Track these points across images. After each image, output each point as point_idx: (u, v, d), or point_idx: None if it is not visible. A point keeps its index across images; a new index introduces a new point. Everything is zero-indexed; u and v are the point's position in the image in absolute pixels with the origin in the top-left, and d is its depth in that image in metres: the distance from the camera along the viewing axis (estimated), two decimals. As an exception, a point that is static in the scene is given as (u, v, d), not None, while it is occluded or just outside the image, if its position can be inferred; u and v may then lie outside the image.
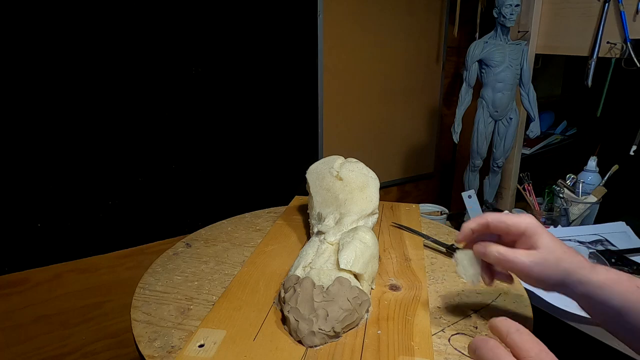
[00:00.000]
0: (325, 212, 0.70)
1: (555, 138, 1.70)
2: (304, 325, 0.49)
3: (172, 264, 0.69)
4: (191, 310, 0.57)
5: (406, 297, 0.59)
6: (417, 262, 0.69)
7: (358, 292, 0.53)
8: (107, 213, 1.05)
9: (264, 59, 1.19)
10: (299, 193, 0.96)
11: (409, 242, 0.76)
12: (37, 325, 1.02)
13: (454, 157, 1.85)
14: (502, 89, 1.17)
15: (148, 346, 0.51)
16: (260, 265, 0.68)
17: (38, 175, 0.95)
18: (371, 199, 0.70)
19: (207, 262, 0.70)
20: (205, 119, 1.13)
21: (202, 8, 1.06)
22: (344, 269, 0.55)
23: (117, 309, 1.12)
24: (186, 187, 1.15)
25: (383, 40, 1.47)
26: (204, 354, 0.48)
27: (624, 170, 1.18)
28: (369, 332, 0.52)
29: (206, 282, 0.64)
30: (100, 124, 0.99)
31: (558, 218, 1.20)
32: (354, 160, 0.77)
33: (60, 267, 1.02)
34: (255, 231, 0.82)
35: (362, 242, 0.59)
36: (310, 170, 0.79)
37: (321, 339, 0.49)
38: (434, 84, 1.68)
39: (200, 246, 0.75)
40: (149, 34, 1.01)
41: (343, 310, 0.50)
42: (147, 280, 0.65)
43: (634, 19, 1.01)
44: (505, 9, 1.10)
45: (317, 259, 0.59)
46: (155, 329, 0.54)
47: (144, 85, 1.03)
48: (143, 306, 0.58)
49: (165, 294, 0.61)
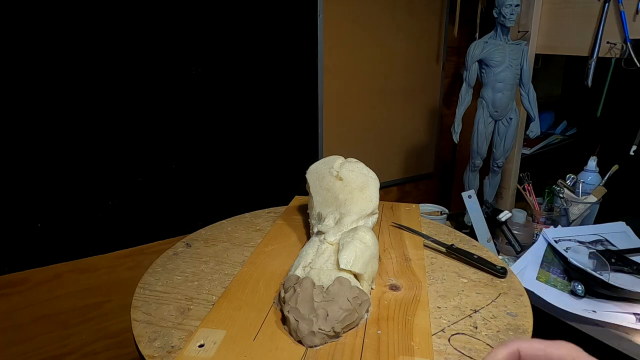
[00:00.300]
0: (325, 212, 0.70)
1: (555, 138, 1.70)
2: (304, 325, 0.49)
3: (172, 264, 0.69)
4: (191, 310, 0.57)
5: (406, 297, 0.59)
6: (417, 262, 0.69)
7: (358, 292, 0.53)
8: (107, 213, 1.05)
9: (264, 59, 1.19)
10: (299, 193, 0.96)
11: (409, 242, 0.76)
12: (37, 325, 1.02)
13: (454, 157, 1.85)
14: (502, 89, 1.17)
15: (148, 346, 0.51)
16: (260, 265, 0.68)
17: (38, 175, 0.95)
18: (371, 199, 0.70)
19: (207, 262, 0.70)
20: (205, 119, 1.13)
21: (202, 8, 1.06)
22: (344, 269, 0.55)
23: (117, 309, 1.12)
24: (186, 187, 1.15)
25: (383, 40, 1.47)
26: (204, 354, 0.48)
27: (624, 170, 1.18)
28: (369, 332, 0.52)
29: (206, 282, 0.64)
30: (100, 124, 0.99)
31: (558, 218, 1.20)
32: (354, 160, 0.78)
33: (60, 267, 1.02)
34: (255, 231, 0.82)
35: (362, 242, 0.59)
36: (310, 170, 0.79)
37: (321, 339, 0.49)
38: (434, 84, 1.68)
39: (200, 246, 0.75)
40: (149, 34, 1.01)
41: (343, 310, 0.50)
42: (147, 280, 0.65)
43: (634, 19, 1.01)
44: (505, 9, 1.10)
45: (317, 259, 0.59)
46: (155, 329, 0.54)
47: (144, 85, 1.03)
48: (143, 306, 0.58)
49: (165, 294, 0.61)
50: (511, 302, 0.60)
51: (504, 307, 0.58)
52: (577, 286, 0.89)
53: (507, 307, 0.58)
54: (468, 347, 0.50)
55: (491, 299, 0.60)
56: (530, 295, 0.63)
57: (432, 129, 1.73)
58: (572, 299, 0.88)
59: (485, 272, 0.67)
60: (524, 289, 0.63)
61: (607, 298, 0.87)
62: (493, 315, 0.56)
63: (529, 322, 0.55)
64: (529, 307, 0.58)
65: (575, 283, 0.90)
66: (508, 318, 0.56)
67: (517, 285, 0.64)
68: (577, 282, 0.90)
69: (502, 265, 0.67)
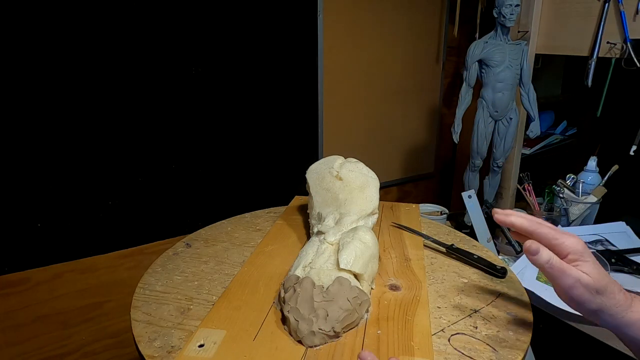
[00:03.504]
0: (325, 212, 0.70)
1: (555, 138, 1.70)
2: (304, 325, 0.49)
3: (172, 264, 0.69)
4: (191, 310, 0.57)
5: (406, 297, 0.59)
6: (417, 262, 0.69)
7: (358, 292, 0.53)
8: (107, 213, 1.05)
9: (264, 59, 1.19)
10: (299, 193, 0.96)
11: (409, 242, 0.76)
12: (37, 325, 1.02)
13: (454, 157, 1.85)
14: (502, 89, 1.17)
15: (148, 346, 0.51)
16: (260, 265, 0.68)
17: (38, 175, 0.95)
18: (371, 199, 0.70)
19: (207, 262, 0.70)
20: (205, 119, 1.13)
21: (202, 8, 1.06)
22: (344, 269, 0.55)
23: (117, 309, 1.12)
24: (186, 187, 1.15)
25: (383, 40, 1.47)
26: (204, 353, 0.48)
27: (624, 170, 1.18)
28: (369, 332, 0.52)
29: (206, 282, 0.64)
30: (100, 124, 0.99)
31: (558, 218, 1.20)
32: (354, 160, 0.77)
33: (60, 267, 1.02)
34: (255, 231, 0.82)
35: (362, 242, 0.59)
36: (310, 170, 0.79)
37: (321, 338, 0.49)
38: (434, 84, 1.68)
39: (200, 246, 0.75)
40: (149, 34, 1.01)
41: (343, 310, 0.50)
42: (147, 280, 0.65)
43: (634, 19, 1.01)
44: (505, 9, 1.10)
45: (317, 259, 0.59)
46: (155, 329, 0.54)
47: (144, 85, 1.03)
48: (143, 306, 0.58)
49: (165, 294, 0.61)
50: (511, 302, 0.60)
51: (504, 307, 0.58)
52: (577, 286, 0.89)
53: (507, 307, 0.58)
54: (468, 347, 0.50)
55: (491, 299, 0.60)
56: (530, 295, 0.63)
57: (432, 129, 1.73)
58: (572, 299, 0.88)
59: (485, 272, 0.67)
60: (524, 289, 0.63)
61: (607, 298, 0.87)
62: (493, 315, 0.56)
63: (529, 322, 0.55)
64: (529, 307, 0.59)
65: (575, 283, 0.90)
66: (508, 318, 0.56)
67: (517, 285, 0.64)
68: (577, 282, 0.90)
69: (502, 265, 0.67)
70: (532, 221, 0.49)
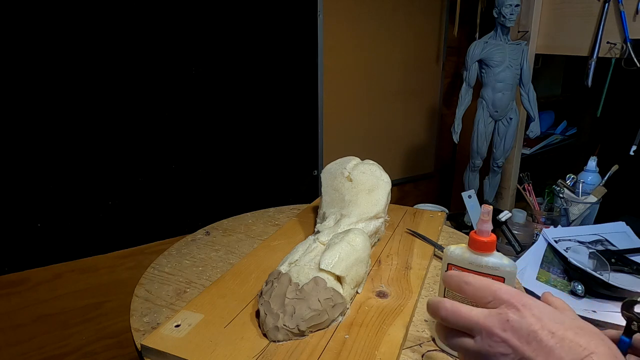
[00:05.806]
0: (329, 212, 0.70)
1: (555, 138, 1.70)
2: (270, 319, 0.50)
3: (187, 248, 0.74)
4: (187, 293, 0.61)
5: (390, 305, 0.57)
6: (417, 272, 0.66)
7: (332, 294, 0.52)
8: (107, 213, 1.05)
9: (264, 59, 1.19)
10: (299, 193, 0.96)
11: (417, 250, 0.74)
12: (37, 325, 1.02)
13: (454, 157, 1.85)
14: (502, 89, 1.17)
15: (137, 320, 0.55)
16: (260, 258, 0.68)
17: (38, 175, 0.94)
18: (377, 203, 0.69)
19: (218, 250, 0.74)
20: (205, 118, 1.13)
21: (202, 8, 1.06)
22: (324, 270, 0.54)
23: (117, 309, 1.12)
24: (186, 187, 1.15)
25: (383, 40, 1.47)
26: (176, 333, 0.50)
27: (624, 170, 1.18)
28: (336, 336, 0.51)
29: (209, 269, 0.68)
30: (100, 124, 0.99)
31: (558, 218, 1.20)
32: (370, 162, 0.76)
33: (60, 267, 1.02)
34: (274, 226, 0.84)
35: (350, 245, 0.57)
36: (325, 170, 0.80)
37: (284, 334, 0.49)
38: (434, 84, 1.68)
39: (218, 235, 0.79)
40: (149, 34, 1.01)
41: (311, 310, 0.50)
42: (160, 261, 0.70)
43: (634, 19, 1.01)
44: (505, 9, 1.10)
45: (303, 257, 0.58)
46: (150, 305, 0.58)
47: (144, 85, 1.03)
48: (147, 284, 0.63)
49: (170, 276, 0.66)
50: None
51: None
52: (577, 286, 0.89)
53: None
54: None
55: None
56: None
57: (432, 129, 1.73)
58: (572, 299, 0.88)
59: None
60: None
61: (607, 298, 0.87)
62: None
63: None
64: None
65: (575, 283, 0.90)
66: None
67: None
68: (577, 282, 0.90)
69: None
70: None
